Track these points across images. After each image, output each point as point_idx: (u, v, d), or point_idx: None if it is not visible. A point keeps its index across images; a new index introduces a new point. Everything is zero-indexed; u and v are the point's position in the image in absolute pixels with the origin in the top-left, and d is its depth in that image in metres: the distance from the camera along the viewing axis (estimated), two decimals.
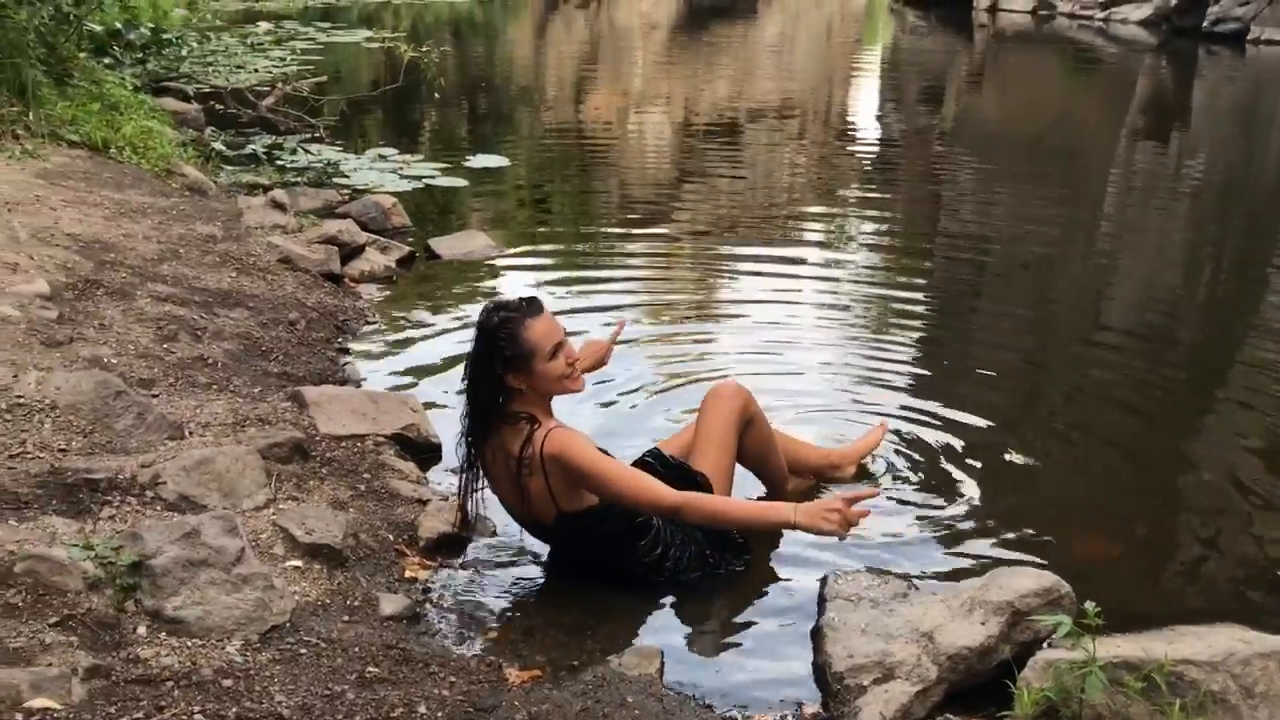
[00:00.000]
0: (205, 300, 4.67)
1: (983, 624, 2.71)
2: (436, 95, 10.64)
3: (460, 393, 3.10)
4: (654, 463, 3.39)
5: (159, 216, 5.54)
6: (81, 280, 4.47)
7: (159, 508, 2.94)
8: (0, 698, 2.10)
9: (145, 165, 6.48)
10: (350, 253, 5.80)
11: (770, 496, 3.62)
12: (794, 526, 2.91)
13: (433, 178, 8.44)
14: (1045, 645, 2.71)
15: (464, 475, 3.12)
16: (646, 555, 3.10)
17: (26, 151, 5.81)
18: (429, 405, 4.19)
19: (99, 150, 6.34)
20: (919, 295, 6.28)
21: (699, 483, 3.23)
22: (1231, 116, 14.39)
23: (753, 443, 3.50)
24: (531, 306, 3.00)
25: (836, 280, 6.43)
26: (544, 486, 2.98)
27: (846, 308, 5.92)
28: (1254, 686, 2.41)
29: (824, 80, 18.17)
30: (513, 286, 5.94)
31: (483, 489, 3.16)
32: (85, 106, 6.62)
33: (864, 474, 3.86)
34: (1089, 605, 2.45)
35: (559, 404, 3.16)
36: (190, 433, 3.48)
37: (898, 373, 4.87)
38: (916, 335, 5.54)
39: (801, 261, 6.77)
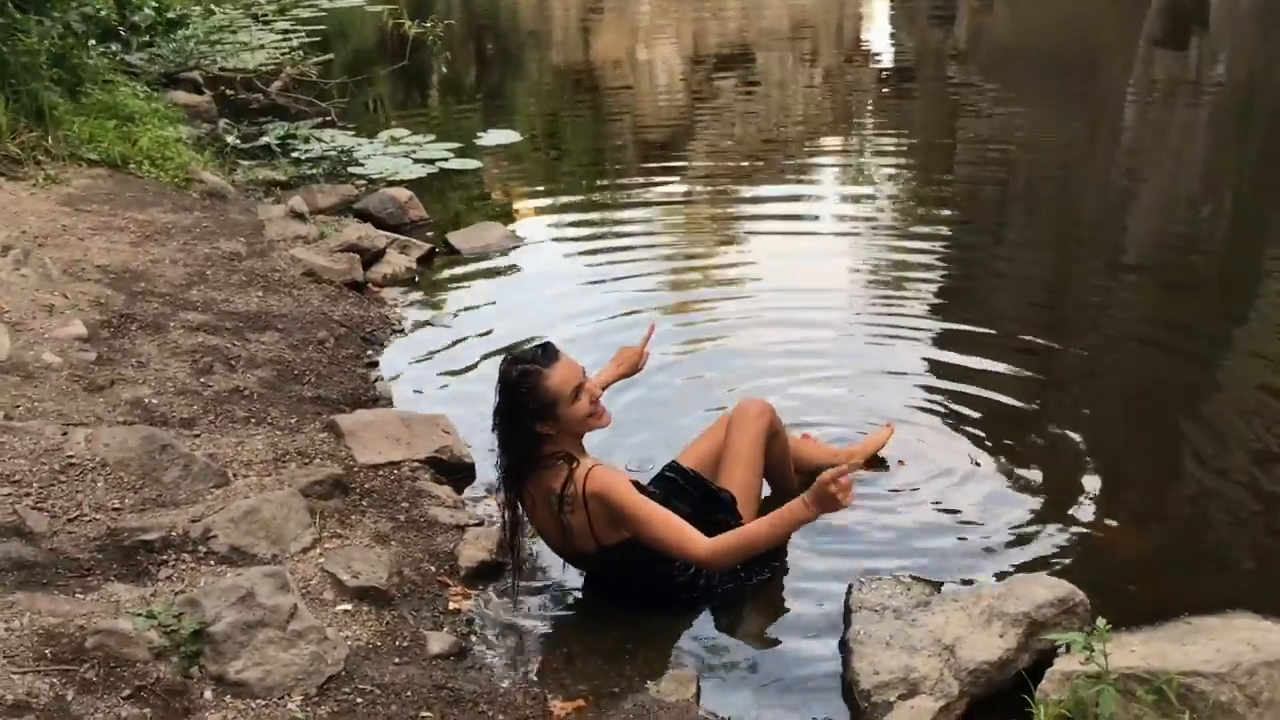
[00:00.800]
0: (236, 325, 4.80)
1: (1001, 636, 2.84)
2: (444, 69, 10.65)
3: (492, 428, 3.21)
4: (675, 477, 3.52)
5: (183, 236, 5.66)
6: (115, 316, 4.61)
7: (212, 562, 3.10)
8: None
9: (164, 177, 6.59)
10: (372, 257, 5.91)
11: (776, 498, 3.74)
12: (813, 519, 3.04)
13: (446, 160, 8.50)
14: (1063, 650, 2.83)
15: (508, 520, 3.24)
16: (681, 575, 3.24)
17: (49, 177, 5.92)
18: (459, 405, 4.41)
19: (118, 167, 6.45)
20: (940, 227, 6.48)
21: (723, 500, 3.36)
22: (1253, 17, 14.16)
23: (774, 457, 3.62)
24: (547, 354, 3.11)
25: (856, 218, 6.72)
26: (585, 522, 3.11)
27: (867, 247, 6.23)
28: (1259, 695, 2.53)
29: (834, 4, 17.93)
30: (533, 277, 6.05)
31: (525, 527, 3.30)
32: (101, 123, 6.70)
33: (877, 466, 3.99)
34: (1100, 622, 2.56)
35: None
36: (235, 475, 3.63)
37: (916, 329, 5.17)
38: (936, 283, 5.75)
39: (819, 195, 7.00)
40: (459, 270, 6.22)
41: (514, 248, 6.51)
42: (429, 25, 10.12)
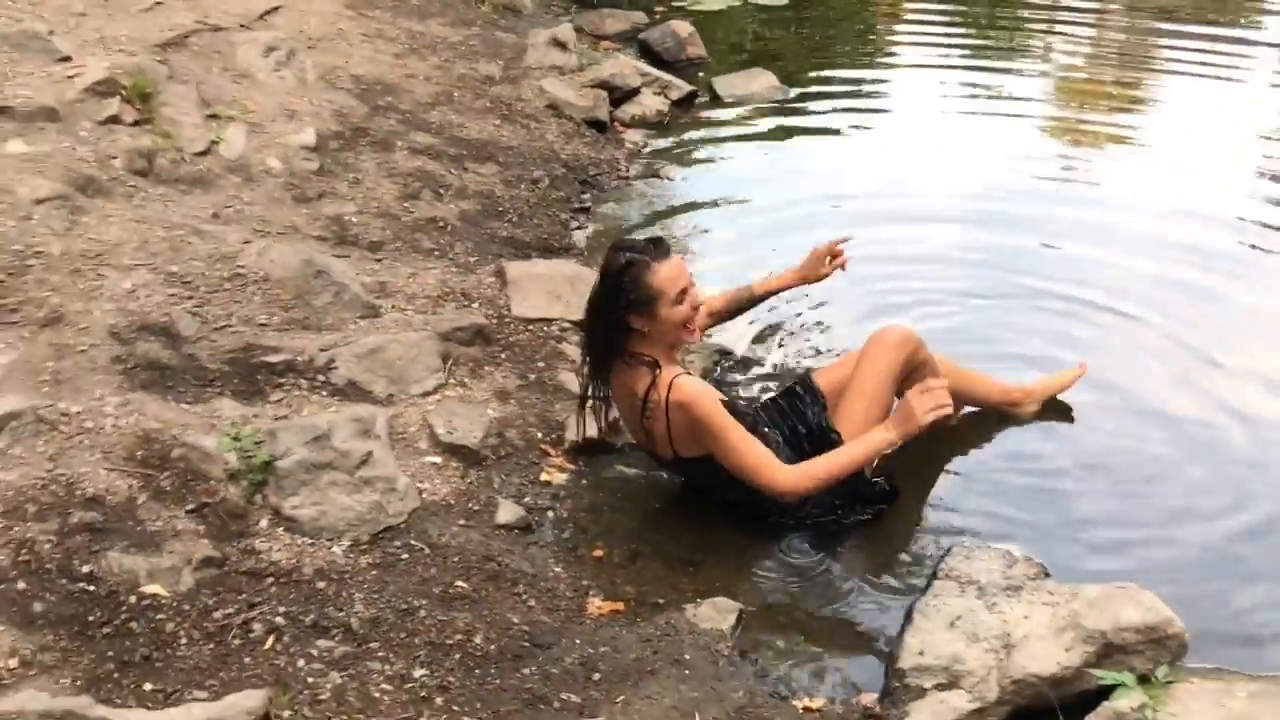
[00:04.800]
0: (459, 153, 4.91)
1: (1067, 650, 2.52)
2: None
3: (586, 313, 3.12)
4: (803, 393, 3.31)
5: (448, 53, 5.80)
6: (351, 128, 4.83)
7: (325, 393, 3.26)
8: (121, 581, 2.51)
9: None
10: (623, 96, 5.82)
11: (935, 435, 3.45)
12: (896, 443, 2.93)
13: None
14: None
15: (594, 404, 3.18)
16: (766, 496, 3.08)
17: None
18: None
19: None
20: None
21: (830, 439, 3.14)
22: None
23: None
24: (659, 249, 2.96)
25: None
26: (665, 431, 3.00)
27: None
28: None
29: None
30: (785, 140, 5.76)
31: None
32: None
33: (1055, 409, 3.58)
34: (1162, 671, 2.22)
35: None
36: (392, 308, 3.77)
37: None
38: None
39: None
40: (714, 118, 6.02)
41: (780, 101, 6.21)
42: None
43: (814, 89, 6.51)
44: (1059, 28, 8.14)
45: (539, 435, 3.41)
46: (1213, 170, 5.48)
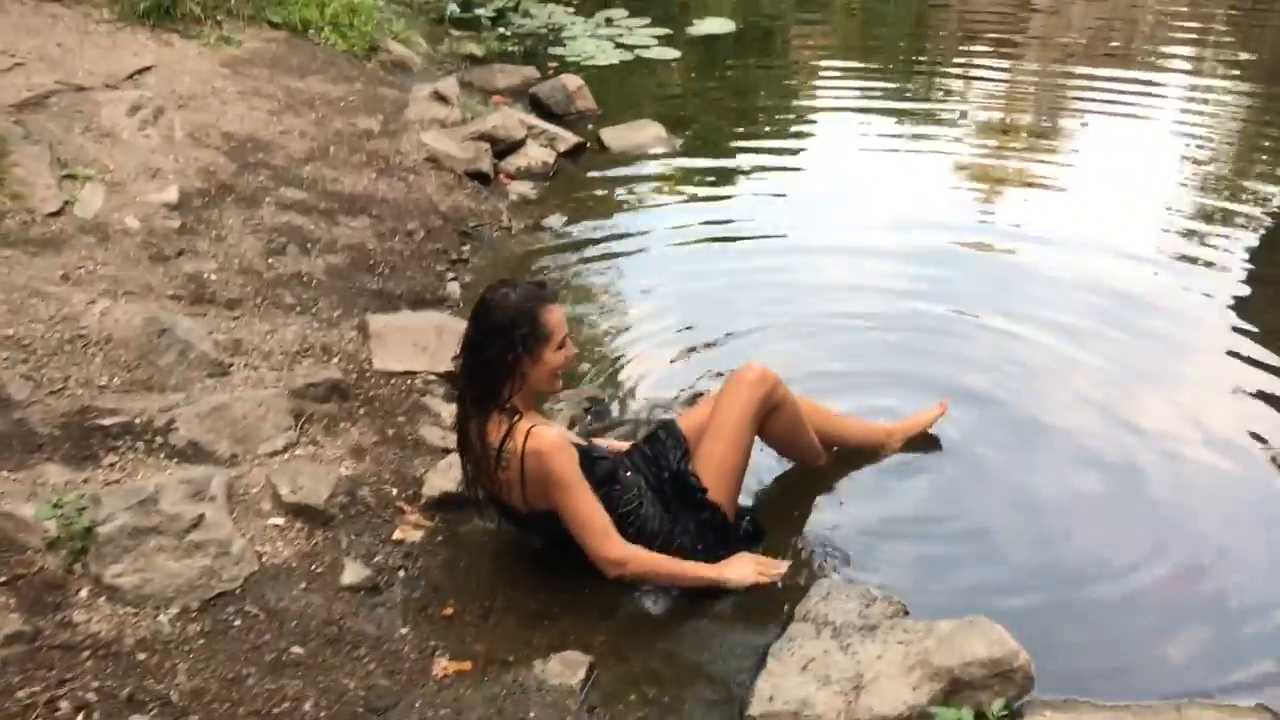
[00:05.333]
0: (331, 207, 4.81)
1: (914, 689, 2.46)
2: None
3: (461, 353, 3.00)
4: (665, 437, 3.24)
5: (326, 109, 5.72)
6: (217, 185, 4.72)
7: (162, 456, 3.12)
8: None
9: (343, 45, 6.66)
10: (507, 148, 5.78)
11: (799, 475, 3.42)
12: (726, 584, 2.95)
13: (647, 47, 8.21)
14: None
15: (465, 454, 3.05)
16: None
17: (223, 38, 6.10)
18: None
19: (298, 31, 6.56)
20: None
21: (689, 484, 3.07)
22: None
23: (779, 429, 3.27)
24: (547, 290, 2.89)
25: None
26: (518, 481, 2.89)
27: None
28: None
29: None
30: (673, 191, 5.75)
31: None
32: None
33: (922, 445, 3.55)
34: (996, 705, 2.15)
35: None
36: (245, 366, 3.64)
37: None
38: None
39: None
40: (601, 168, 6.00)
41: (666, 153, 6.21)
42: None
43: (702, 139, 6.52)
44: (973, 71, 8.27)
45: (394, 492, 3.30)
46: (1125, 206, 5.60)
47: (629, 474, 3.07)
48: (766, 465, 3.48)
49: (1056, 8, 10.61)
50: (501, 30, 8.55)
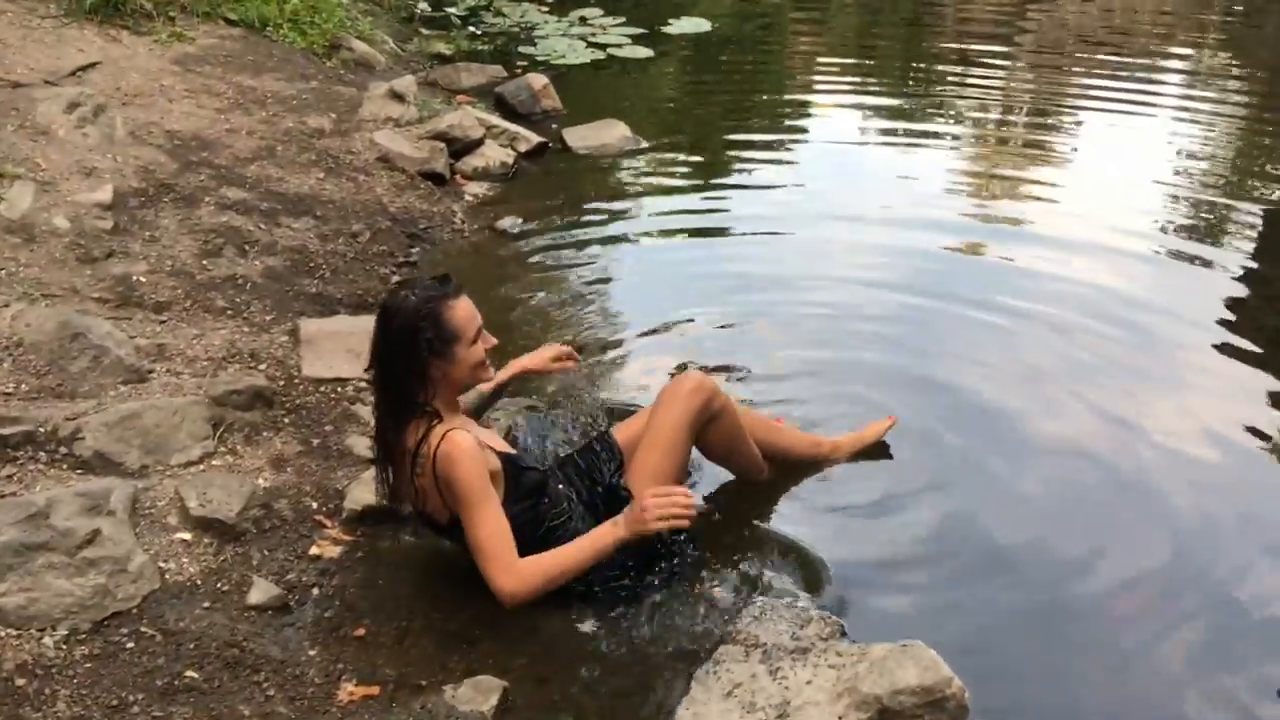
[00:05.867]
0: (273, 207, 4.66)
1: (840, 718, 2.30)
2: None
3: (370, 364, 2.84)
4: (600, 449, 3.09)
5: (277, 107, 5.57)
6: (156, 185, 4.56)
7: (65, 467, 2.96)
8: None
9: (302, 43, 6.52)
10: (464, 148, 5.63)
11: (743, 486, 3.27)
12: (624, 542, 2.67)
13: (619, 47, 8.07)
14: None
15: (381, 466, 2.89)
16: None
17: (175, 34, 5.95)
18: None
19: (255, 29, 6.41)
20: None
21: (619, 497, 2.92)
22: None
23: (717, 439, 3.12)
24: (452, 285, 2.73)
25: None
26: (433, 488, 2.74)
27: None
28: None
29: None
30: (636, 195, 5.59)
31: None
32: None
33: (872, 455, 3.42)
34: None
35: None
36: (167, 372, 3.49)
37: None
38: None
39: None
40: (563, 171, 5.85)
41: (630, 152, 6.06)
42: None
43: (670, 138, 6.37)
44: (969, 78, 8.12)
45: (314, 505, 3.14)
46: (1121, 205, 5.52)
47: (560, 487, 2.93)
48: (711, 475, 3.34)
49: (1053, 7, 10.51)
50: (472, 29, 8.40)
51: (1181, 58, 8.88)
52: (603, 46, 8.06)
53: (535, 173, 5.80)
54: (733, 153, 6.24)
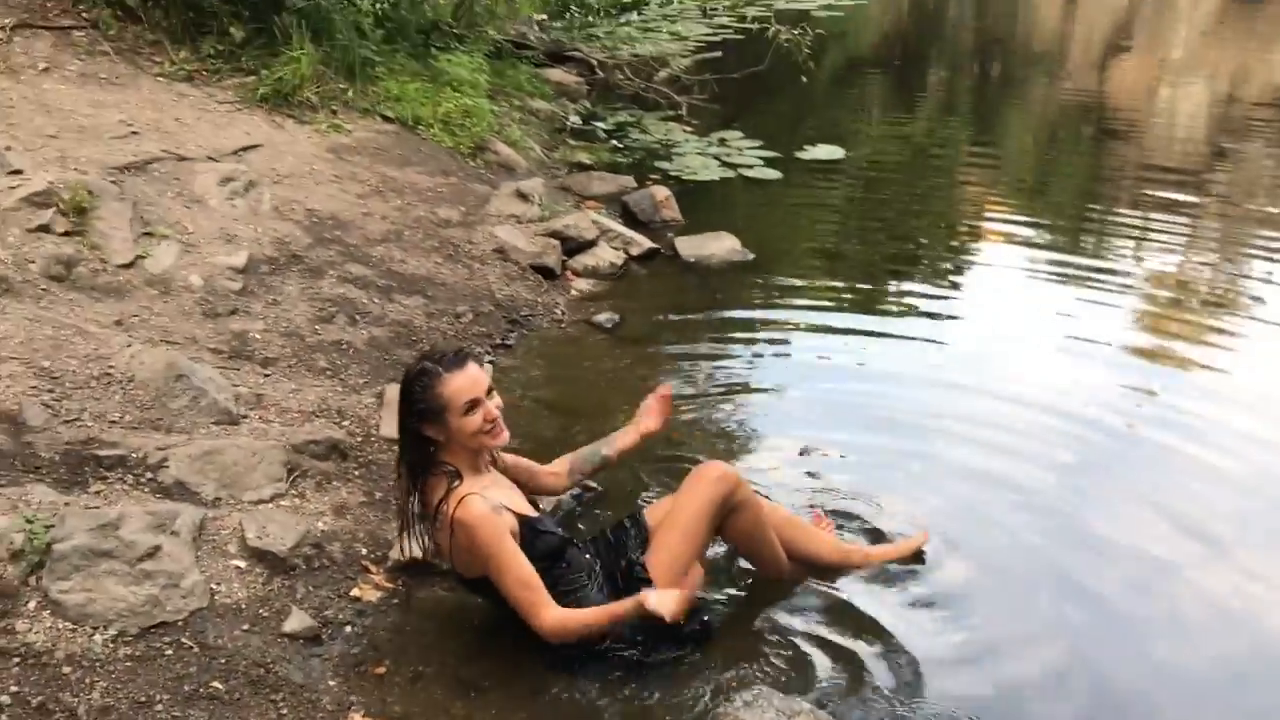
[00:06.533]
0: (389, 285, 5.04)
1: None
2: (803, 79, 10.36)
3: None
4: (630, 527, 3.26)
5: (413, 197, 6.02)
6: (287, 255, 5.00)
7: (147, 490, 3.29)
8: None
9: (450, 143, 7.03)
10: (578, 246, 5.96)
11: (759, 579, 3.38)
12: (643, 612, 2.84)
13: (751, 167, 8.37)
14: None
15: (406, 516, 3.13)
16: None
17: (334, 125, 6.52)
18: (543, 408, 4.41)
19: (409, 127, 6.96)
20: None
21: (637, 576, 3.08)
22: None
23: (739, 531, 3.26)
24: (456, 360, 2.98)
25: None
26: (448, 547, 2.97)
27: None
28: None
29: None
30: (735, 303, 5.78)
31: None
32: (407, 84, 7.26)
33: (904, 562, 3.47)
34: None
35: None
36: (259, 419, 3.82)
37: None
38: None
39: None
40: (667, 275, 6.10)
41: (737, 265, 6.28)
42: (796, 34, 9.97)
43: (778, 256, 6.58)
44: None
45: (363, 551, 3.38)
46: None
47: (586, 556, 3.11)
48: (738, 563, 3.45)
49: (1246, 155, 10.03)
50: (615, 143, 8.85)
51: None
52: (734, 166, 8.37)
53: (642, 275, 6.07)
54: (844, 278, 6.37)
